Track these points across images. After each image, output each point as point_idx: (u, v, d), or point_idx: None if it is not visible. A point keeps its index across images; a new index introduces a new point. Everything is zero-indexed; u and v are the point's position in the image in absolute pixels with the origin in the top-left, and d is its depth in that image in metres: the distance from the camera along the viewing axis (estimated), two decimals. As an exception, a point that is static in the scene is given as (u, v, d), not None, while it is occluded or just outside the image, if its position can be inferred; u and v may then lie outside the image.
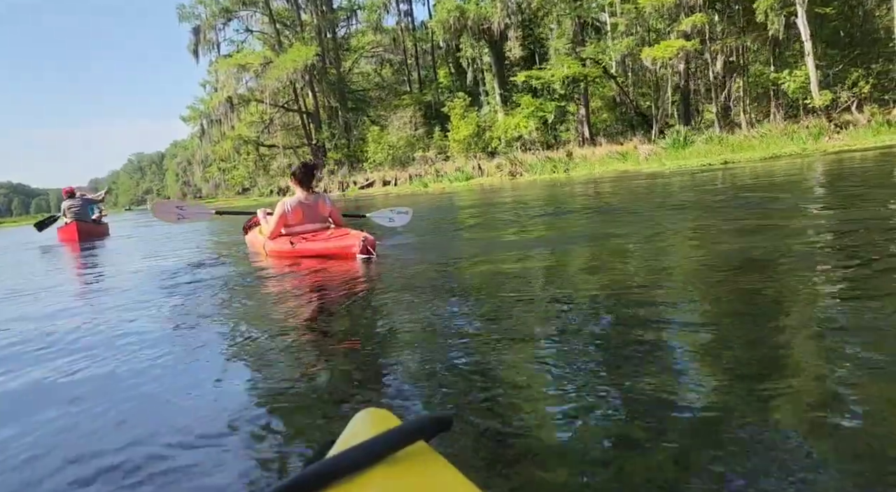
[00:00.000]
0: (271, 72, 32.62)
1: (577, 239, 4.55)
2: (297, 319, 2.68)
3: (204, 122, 35.52)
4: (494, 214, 8.05)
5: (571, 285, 2.77)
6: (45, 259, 8.11)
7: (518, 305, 2.41)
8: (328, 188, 31.57)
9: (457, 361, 1.78)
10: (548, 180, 18.18)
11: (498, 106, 30.94)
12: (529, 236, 4.98)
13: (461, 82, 35.52)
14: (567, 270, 3.32)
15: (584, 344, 1.83)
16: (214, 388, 1.78)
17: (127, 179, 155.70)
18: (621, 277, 2.85)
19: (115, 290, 4.12)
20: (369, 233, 4.34)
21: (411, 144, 31.07)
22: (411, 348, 1.98)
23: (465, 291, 2.85)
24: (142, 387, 1.81)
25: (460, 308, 2.48)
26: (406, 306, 2.63)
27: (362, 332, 2.34)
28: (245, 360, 2.05)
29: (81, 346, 2.41)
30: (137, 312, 3.04)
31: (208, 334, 2.46)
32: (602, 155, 22.88)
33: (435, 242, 5.39)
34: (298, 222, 4.80)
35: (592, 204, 7.98)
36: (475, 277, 3.30)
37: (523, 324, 2.13)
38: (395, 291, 3.02)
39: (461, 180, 22.05)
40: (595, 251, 3.82)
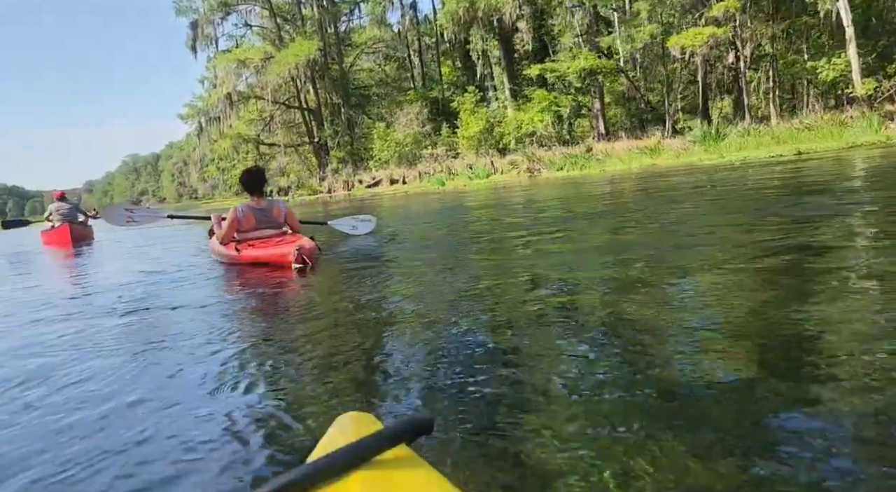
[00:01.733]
0: (272, 67, 31.32)
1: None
2: (270, 326, 2.67)
3: (202, 119, 34.17)
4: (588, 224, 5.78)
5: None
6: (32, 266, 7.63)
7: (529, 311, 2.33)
8: (333, 188, 30.33)
9: (438, 364, 1.78)
10: (577, 177, 16.98)
11: (508, 101, 29.74)
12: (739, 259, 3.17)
13: (468, 77, 34.32)
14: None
15: (576, 344, 1.85)
16: (189, 395, 1.75)
17: (122, 181, 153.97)
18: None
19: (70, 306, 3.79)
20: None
21: (418, 141, 29.81)
22: (392, 352, 2.00)
23: (455, 296, 2.74)
24: (114, 398, 1.77)
25: (447, 312, 2.43)
26: (392, 311, 2.61)
27: (341, 336, 2.31)
28: (219, 366, 2.01)
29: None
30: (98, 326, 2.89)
31: (177, 345, 2.38)
32: (623, 150, 21.69)
33: (452, 253, 4.55)
34: (252, 228, 4.71)
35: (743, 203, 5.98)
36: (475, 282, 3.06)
37: (519, 328, 2.11)
38: (385, 298, 2.96)
39: (480, 177, 20.76)
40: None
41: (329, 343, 2.21)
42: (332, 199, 25.63)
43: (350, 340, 2.22)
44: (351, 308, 2.80)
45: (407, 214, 10.50)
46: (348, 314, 2.69)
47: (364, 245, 5.44)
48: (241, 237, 4.69)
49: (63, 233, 10.44)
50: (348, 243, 5.57)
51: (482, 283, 2.99)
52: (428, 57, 38.93)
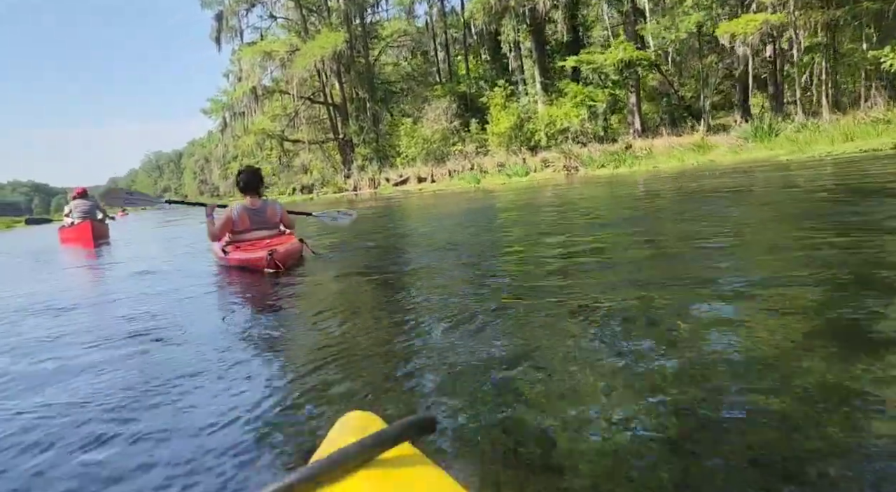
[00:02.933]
0: (298, 60, 30.64)
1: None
2: (274, 326, 2.67)
3: (226, 114, 33.64)
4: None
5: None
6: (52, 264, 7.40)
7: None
8: (359, 186, 29.59)
9: (441, 363, 1.79)
10: (624, 175, 15.93)
11: (539, 96, 28.71)
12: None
13: (497, 72, 33.34)
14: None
15: (582, 340, 1.87)
16: (193, 394, 1.75)
17: (145, 178, 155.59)
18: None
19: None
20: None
21: (446, 137, 28.90)
22: (395, 352, 2.00)
23: (460, 297, 2.74)
24: (111, 398, 1.77)
25: (447, 314, 2.41)
26: (399, 313, 2.61)
27: (344, 336, 2.30)
28: (223, 366, 2.00)
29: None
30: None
31: (177, 344, 2.38)
32: (663, 147, 20.59)
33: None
34: (246, 229, 4.69)
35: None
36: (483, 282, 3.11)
37: (520, 326, 2.12)
38: (394, 300, 2.97)
39: (519, 175, 19.76)
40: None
41: (332, 343, 2.19)
42: (358, 197, 24.84)
43: (354, 340, 2.21)
44: (357, 309, 2.83)
45: (437, 215, 9.64)
46: (352, 315, 2.69)
47: (385, 247, 5.29)
48: (236, 238, 4.69)
49: (84, 230, 10.21)
50: (371, 244, 5.59)
51: (500, 287, 2.89)
52: (454, 51, 38.09)
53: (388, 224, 8.56)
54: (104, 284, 4.90)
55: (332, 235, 6.55)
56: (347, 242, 6.11)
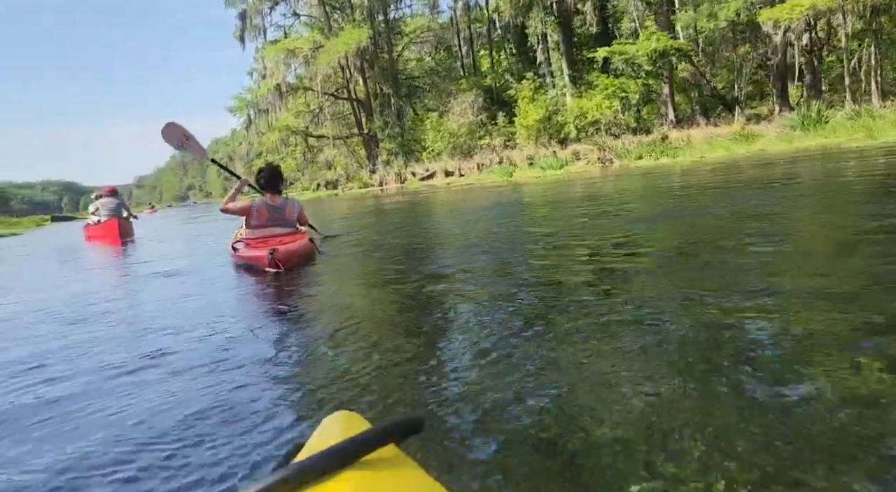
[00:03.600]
0: (321, 56, 30.39)
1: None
2: (264, 323, 2.70)
3: (251, 112, 33.58)
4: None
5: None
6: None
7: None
8: (384, 181, 29.23)
9: (428, 363, 1.78)
10: (667, 166, 15.27)
11: (567, 88, 28.02)
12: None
13: (523, 64, 32.72)
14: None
15: (564, 339, 1.86)
16: (178, 390, 1.76)
17: (171, 176, 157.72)
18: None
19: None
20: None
21: (472, 131, 28.39)
22: (381, 351, 1.98)
23: (457, 296, 2.69)
24: (90, 401, 1.76)
25: (440, 313, 2.43)
26: (380, 311, 2.66)
27: (331, 334, 2.29)
28: (209, 361, 2.02)
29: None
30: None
31: (172, 339, 2.44)
32: (702, 137, 19.83)
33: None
34: (262, 225, 4.75)
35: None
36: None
37: (508, 325, 2.10)
38: (393, 300, 2.92)
39: (553, 168, 19.15)
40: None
41: (322, 343, 2.18)
42: (384, 192, 24.47)
43: (344, 340, 2.19)
44: (360, 308, 2.80)
45: (468, 209, 9.17)
46: (354, 314, 2.63)
47: (409, 246, 5.04)
48: (254, 233, 4.74)
49: (111, 228, 10.24)
50: (397, 241, 5.36)
51: (514, 290, 2.69)
52: (477, 45, 37.56)
53: (414, 221, 8.15)
54: (128, 285, 4.84)
55: (357, 233, 6.36)
56: (373, 239, 5.93)
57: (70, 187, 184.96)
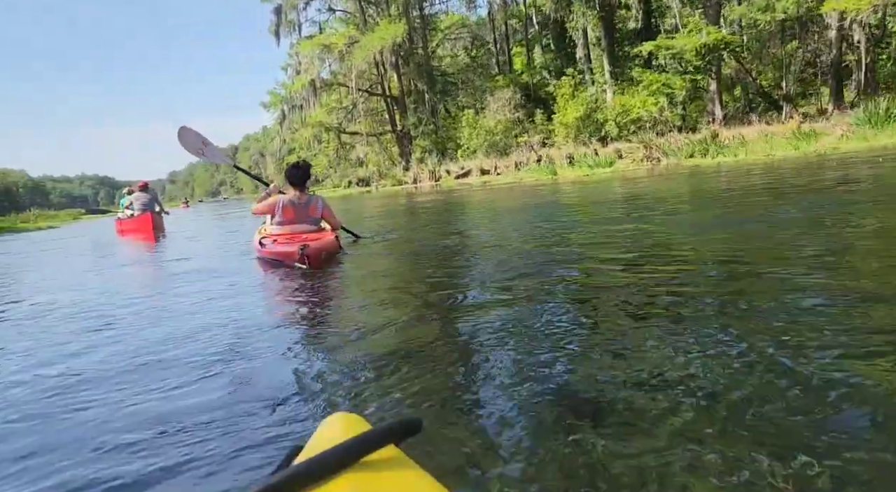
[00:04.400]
0: (357, 52, 30.04)
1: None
2: (265, 322, 2.68)
3: (285, 107, 33.42)
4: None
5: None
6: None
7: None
8: (418, 178, 28.70)
9: (428, 365, 1.78)
10: (728, 165, 14.36)
11: (608, 84, 27.14)
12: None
13: (561, 61, 31.91)
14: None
15: (571, 340, 1.86)
16: (175, 390, 1.75)
17: (202, 172, 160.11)
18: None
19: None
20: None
21: (509, 129, 27.69)
22: (381, 353, 1.96)
23: (457, 299, 2.67)
24: (90, 396, 1.78)
25: (440, 315, 2.44)
26: (382, 313, 2.61)
27: (331, 336, 2.32)
28: (209, 362, 2.01)
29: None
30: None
31: (176, 335, 2.46)
32: (756, 135, 18.81)
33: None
34: (288, 222, 4.84)
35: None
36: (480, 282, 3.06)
37: (510, 325, 2.11)
38: (383, 298, 2.97)
39: (602, 166, 18.34)
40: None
41: (325, 344, 2.20)
42: (418, 190, 23.95)
43: (346, 342, 2.18)
44: (381, 308, 2.74)
45: (507, 211, 8.56)
46: (375, 314, 2.62)
47: (441, 251, 4.70)
48: (278, 230, 4.83)
49: (145, 222, 10.45)
50: (418, 246, 5.10)
51: (544, 306, 2.43)
52: (513, 41, 36.84)
53: (450, 222, 7.56)
54: (158, 281, 4.87)
55: (389, 234, 6.08)
56: (405, 240, 5.62)
57: (105, 182, 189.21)
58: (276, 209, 4.83)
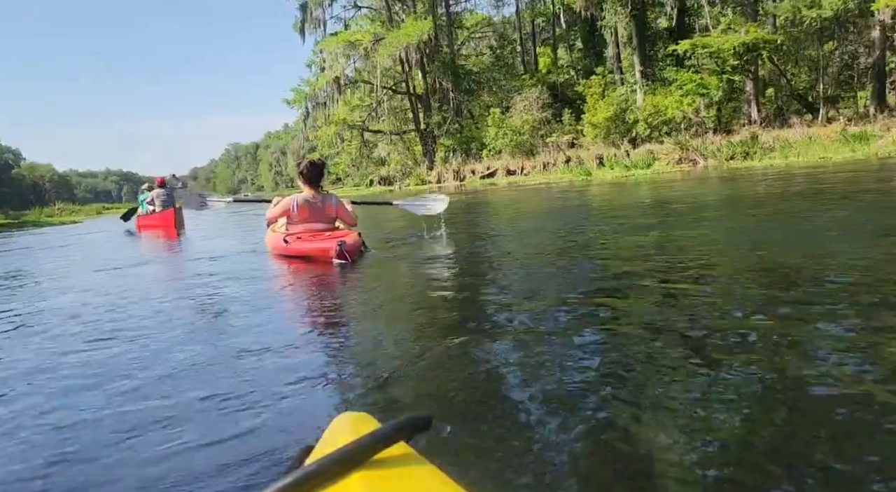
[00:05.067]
0: (382, 49, 29.69)
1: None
2: (276, 322, 2.67)
3: (308, 105, 33.20)
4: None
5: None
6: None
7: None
8: (443, 178, 28.27)
9: (438, 361, 1.79)
10: (778, 167, 13.65)
11: (638, 85, 26.44)
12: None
13: (590, 60, 31.26)
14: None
15: (577, 343, 1.84)
16: (187, 389, 1.75)
17: (224, 169, 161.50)
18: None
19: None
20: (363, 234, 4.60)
21: (535, 128, 27.12)
22: (389, 351, 1.99)
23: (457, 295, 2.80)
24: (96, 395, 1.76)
25: (446, 313, 2.46)
26: (393, 315, 2.63)
27: (340, 336, 2.31)
28: (217, 361, 2.03)
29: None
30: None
31: (185, 333, 2.46)
32: (799, 138, 18.06)
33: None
34: (303, 221, 4.77)
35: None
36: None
37: (514, 324, 2.13)
38: (384, 297, 3.07)
39: (641, 167, 17.69)
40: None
41: (335, 344, 2.20)
42: (442, 190, 23.51)
43: (357, 341, 2.21)
44: (366, 311, 2.77)
45: (541, 215, 7.99)
46: (361, 318, 2.64)
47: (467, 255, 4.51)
48: (293, 229, 4.76)
49: (167, 218, 10.47)
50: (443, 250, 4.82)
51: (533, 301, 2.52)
52: (539, 40, 36.28)
53: (482, 226, 7.04)
54: (180, 278, 4.77)
55: (411, 238, 5.58)
56: (430, 244, 5.19)
57: (129, 177, 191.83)
58: (292, 209, 4.76)
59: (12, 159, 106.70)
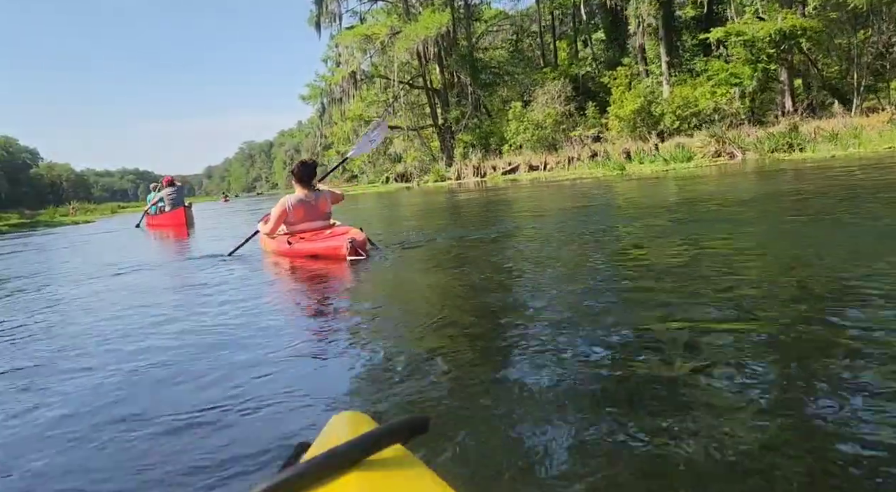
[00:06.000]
0: (400, 42, 28.95)
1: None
2: (278, 320, 2.70)
3: (324, 100, 32.56)
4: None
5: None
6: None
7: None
8: (462, 174, 27.48)
9: (436, 365, 1.77)
10: (840, 160, 12.68)
11: (665, 76, 25.47)
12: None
13: (613, 51, 30.31)
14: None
15: (583, 347, 1.81)
16: (186, 386, 1.77)
17: (238, 167, 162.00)
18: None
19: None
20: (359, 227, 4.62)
21: (558, 122, 26.23)
22: (389, 351, 1.97)
23: (459, 296, 2.77)
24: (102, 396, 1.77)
25: (447, 314, 2.44)
26: (390, 311, 2.69)
27: (339, 335, 2.31)
28: (219, 359, 2.02)
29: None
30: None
31: (187, 333, 2.47)
32: (843, 128, 17.05)
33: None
34: (300, 220, 4.80)
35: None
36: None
37: (516, 326, 2.11)
38: (387, 296, 3.06)
39: (679, 161, 16.74)
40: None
41: (336, 343, 2.19)
42: (462, 187, 22.73)
43: (355, 342, 2.17)
44: (370, 311, 2.72)
45: (576, 213, 7.22)
46: (357, 316, 2.62)
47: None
48: (291, 229, 4.77)
49: (178, 216, 10.74)
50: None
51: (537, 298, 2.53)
52: (559, 32, 35.39)
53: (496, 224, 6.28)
54: (190, 277, 4.62)
55: (433, 239, 5.35)
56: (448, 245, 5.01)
57: (145, 176, 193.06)
58: (288, 210, 4.76)
59: (30, 159, 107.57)
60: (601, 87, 27.73)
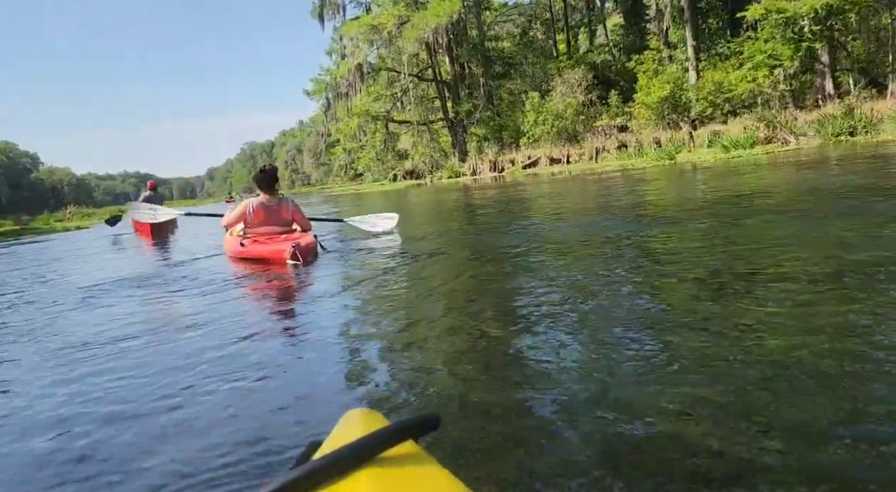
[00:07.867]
0: (408, 31, 27.43)
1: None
2: (277, 321, 2.69)
3: (329, 95, 31.08)
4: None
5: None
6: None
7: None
8: (477, 169, 25.97)
9: (447, 361, 1.76)
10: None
11: (689, 60, 23.92)
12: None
13: (633, 37, 28.78)
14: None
15: (591, 344, 1.77)
16: (194, 387, 1.73)
17: (240, 168, 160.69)
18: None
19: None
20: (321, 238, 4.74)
21: (578, 112, 24.71)
22: (399, 349, 1.96)
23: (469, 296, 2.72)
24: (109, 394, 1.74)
25: (457, 311, 2.42)
26: (395, 308, 2.65)
27: (349, 332, 2.26)
28: (227, 360, 2.00)
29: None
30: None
31: (193, 336, 2.40)
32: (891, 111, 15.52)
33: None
34: (260, 224, 4.90)
35: None
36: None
37: (525, 323, 2.07)
38: (396, 293, 3.00)
39: (743, 147, 15.16)
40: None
41: (341, 341, 2.16)
42: (477, 183, 21.23)
43: (362, 339, 2.14)
44: (368, 309, 2.73)
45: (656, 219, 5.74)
46: (363, 315, 2.61)
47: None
48: (251, 232, 4.87)
49: (144, 228, 10.55)
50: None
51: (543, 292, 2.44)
52: (572, 20, 33.91)
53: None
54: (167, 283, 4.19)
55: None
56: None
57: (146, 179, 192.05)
58: (248, 213, 4.89)
59: (30, 164, 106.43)
60: (622, 74, 26.23)
